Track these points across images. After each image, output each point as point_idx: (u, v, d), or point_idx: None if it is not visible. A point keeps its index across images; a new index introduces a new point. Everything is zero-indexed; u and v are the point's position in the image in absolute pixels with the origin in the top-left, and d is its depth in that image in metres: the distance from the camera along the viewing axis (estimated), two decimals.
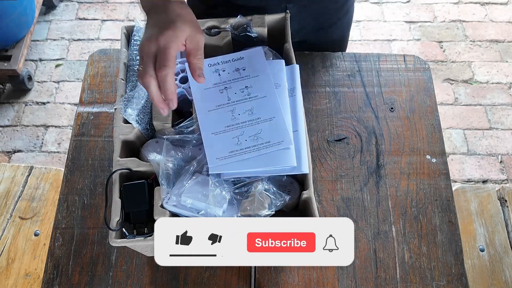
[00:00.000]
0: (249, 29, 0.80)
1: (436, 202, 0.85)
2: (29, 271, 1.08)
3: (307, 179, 0.69)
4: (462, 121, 1.83)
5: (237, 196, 0.67)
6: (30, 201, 1.17)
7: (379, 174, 0.87)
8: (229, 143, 0.69)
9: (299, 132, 0.70)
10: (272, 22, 0.82)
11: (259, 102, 0.72)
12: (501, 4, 2.15)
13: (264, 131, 0.70)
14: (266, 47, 0.78)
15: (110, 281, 0.78)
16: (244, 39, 0.81)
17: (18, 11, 1.78)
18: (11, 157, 1.78)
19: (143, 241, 0.65)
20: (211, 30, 0.81)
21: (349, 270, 0.79)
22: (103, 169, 0.87)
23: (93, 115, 0.93)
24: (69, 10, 2.17)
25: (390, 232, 0.82)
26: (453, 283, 0.78)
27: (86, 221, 0.83)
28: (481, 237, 1.11)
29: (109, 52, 1.01)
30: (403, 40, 2.06)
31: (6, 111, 1.88)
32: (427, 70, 0.98)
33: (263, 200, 0.66)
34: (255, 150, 0.68)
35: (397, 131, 0.91)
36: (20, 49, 1.86)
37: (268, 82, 0.73)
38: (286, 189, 0.72)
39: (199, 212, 0.65)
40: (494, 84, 1.92)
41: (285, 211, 0.74)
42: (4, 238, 1.11)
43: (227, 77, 0.74)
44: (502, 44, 2.03)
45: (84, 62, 2.00)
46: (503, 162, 1.74)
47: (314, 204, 0.66)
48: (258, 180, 0.68)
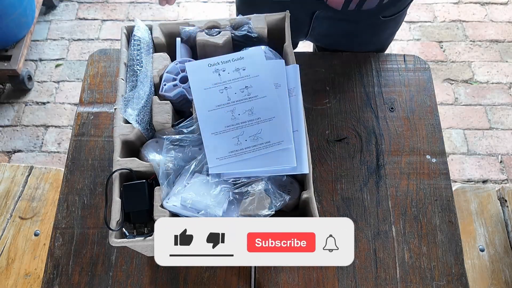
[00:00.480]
0: (249, 29, 0.80)
1: (436, 202, 0.85)
2: (29, 271, 1.08)
3: (307, 179, 0.69)
4: (462, 121, 1.83)
5: (237, 196, 0.67)
6: (30, 201, 1.17)
7: (379, 174, 0.87)
8: (229, 143, 0.69)
9: (299, 132, 0.70)
10: (272, 22, 0.82)
11: (259, 102, 0.72)
12: (501, 4, 2.15)
13: (264, 131, 0.70)
14: (266, 47, 0.78)
15: (110, 281, 0.78)
16: (244, 39, 0.81)
17: (18, 11, 1.78)
18: (11, 157, 1.78)
19: (143, 241, 0.65)
20: (211, 29, 0.81)
21: (349, 270, 0.79)
22: (103, 169, 0.87)
23: (93, 115, 0.93)
24: (69, 10, 2.17)
25: (390, 232, 0.82)
26: (453, 283, 0.78)
27: (86, 221, 0.83)
28: (481, 237, 1.11)
29: (109, 52, 1.01)
30: (403, 40, 2.06)
31: (6, 111, 1.88)
32: (427, 70, 0.98)
33: (263, 200, 0.66)
34: (255, 150, 0.68)
35: (397, 131, 0.91)
36: (20, 49, 1.86)
37: (268, 82, 0.73)
38: (286, 189, 0.72)
39: (199, 212, 0.65)
40: (494, 84, 1.92)
41: (285, 211, 0.74)
42: (4, 238, 1.11)
43: (227, 77, 0.74)
44: (502, 44, 2.03)
45: (84, 62, 2.00)
46: (503, 162, 1.74)
47: (314, 204, 0.66)
48: (258, 180, 0.68)
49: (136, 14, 2.14)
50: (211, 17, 2.13)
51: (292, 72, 0.76)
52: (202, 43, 0.80)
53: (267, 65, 0.75)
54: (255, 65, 0.75)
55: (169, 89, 0.77)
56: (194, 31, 0.81)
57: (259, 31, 0.81)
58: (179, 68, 0.78)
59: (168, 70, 0.78)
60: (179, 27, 0.82)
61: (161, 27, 0.82)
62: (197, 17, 2.14)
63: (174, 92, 0.76)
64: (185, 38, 0.82)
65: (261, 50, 0.77)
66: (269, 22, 0.81)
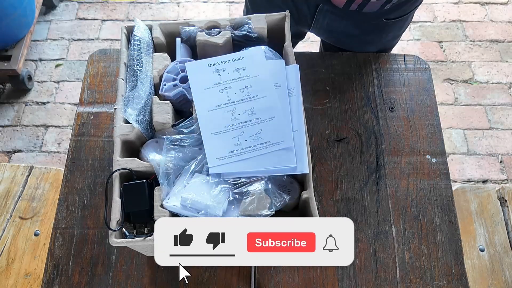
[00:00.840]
0: (249, 29, 0.80)
1: (436, 202, 0.85)
2: (29, 271, 1.07)
3: (307, 179, 0.69)
4: (462, 121, 1.83)
5: (237, 196, 0.67)
6: (30, 201, 1.17)
7: (379, 174, 0.87)
8: (229, 143, 0.69)
9: (299, 132, 0.70)
10: (272, 22, 0.82)
11: (259, 102, 0.72)
12: (501, 4, 2.15)
13: (264, 131, 0.70)
14: (266, 47, 0.78)
15: (110, 281, 0.78)
16: (244, 39, 0.81)
17: (18, 11, 1.78)
18: (11, 157, 1.78)
19: (143, 241, 0.65)
20: (211, 29, 0.81)
21: (349, 270, 0.79)
22: (103, 169, 0.87)
23: (93, 115, 0.93)
24: (69, 10, 2.17)
25: (390, 232, 0.82)
26: (453, 283, 0.78)
27: (86, 221, 0.83)
28: (481, 237, 1.11)
29: (109, 52, 1.01)
30: (403, 40, 2.06)
31: (6, 111, 1.88)
32: (427, 70, 0.98)
33: (263, 200, 0.66)
34: (255, 150, 0.68)
35: (397, 131, 0.91)
36: (20, 49, 1.86)
37: (268, 82, 0.73)
38: (286, 189, 0.72)
39: (199, 212, 0.65)
40: (494, 84, 1.92)
41: (285, 211, 0.74)
42: (4, 238, 1.11)
43: (227, 77, 0.74)
44: (502, 44, 2.03)
45: (84, 62, 2.00)
46: (503, 162, 1.74)
47: (314, 204, 0.66)
48: (258, 180, 0.68)
49: (136, 14, 2.14)
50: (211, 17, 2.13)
51: (292, 72, 0.76)
52: (202, 43, 0.80)
53: (267, 65, 0.75)
54: (255, 65, 0.75)
55: (169, 89, 0.76)
56: (194, 31, 0.81)
57: (259, 31, 0.81)
58: (179, 68, 0.78)
59: (168, 70, 0.78)
60: (179, 27, 0.82)
61: (161, 27, 0.82)
62: (197, 17, 2.13)
63: (174, 92, 0.76)
64: (185, 38, 0.82)
65: (261, 50, 0.77)
66: (269, 22, 0.81)
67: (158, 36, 0.82)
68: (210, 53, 0.80)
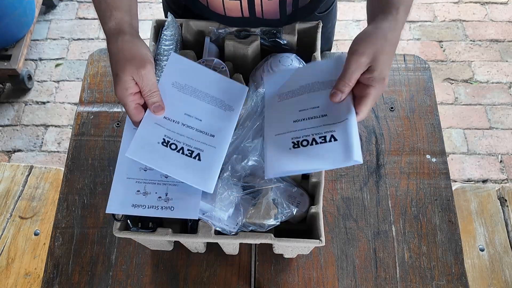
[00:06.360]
0: (278, 36, 0.80)
1: (436, 201, 0.85)
2: (29, 271, 1.08)
3: (317, 193, 0.68)
4: (462, 121, 1.83)
5: (244, 202, 0.67)
6: (30, 201, 1.17)
7: (379, 173, 0.87)
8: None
9: (349, 120, 0.61)
10: (302, 31, 0.81)
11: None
12: (501, 4, 2.15)
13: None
14: (293, 55, 0.78)
15: (110, 280, 0.78)
16: (272, 45, 0.81)
17: (18, 11, 1.78)
18: (11, 156, 1.78)
19: (147, 235, 0.65)
20: (240, 32, 0.81)
21: (349, 270, 0.79)
22: (103, 169, 0.87)
23: (93, 115, 0.93)
24: (69, 10, 2.17)
25: (390, 232, 0.82)
26: (453, 282, 0.78)
27: (86, 220, 0.83)
28: (481, 237, 1.11)
29: None
30: (403, 40, 2.06)
31: (6, 110, 1.88)
32: (427, 69, 0.98)
33: (270, 209, 0.65)
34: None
35: (397, 131, 0.91)
36: (20, 48, 1.86)
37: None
38: (295, 200, 0.71)
39: (204, 213, 0.65)
40: (494, 83, 1.92)
41: (291, 223, 0.73)
42: (4, 237, 1.11)
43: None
44: (502, 43, 2.03)
45: (84, 62, 2.00)
46: (503, 161, 1.74)
47: (321, 221, 0.65)
48: (267, 188, 0.66)
49: None
50: None
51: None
52: (231, 44, 0.80)
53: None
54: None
55: None
56: (224, 32, 0.81)
57: (288, 38, 0.80)
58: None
59: None
60: (208, 27, 0.81)
61: (192, 24, 0.82)
62: None
63: None
64: (214, 38, 0.82)
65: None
66: (300, 30, 0.80)
67: (187, 33, 0.82)
68: (237, 56, 0.80)
